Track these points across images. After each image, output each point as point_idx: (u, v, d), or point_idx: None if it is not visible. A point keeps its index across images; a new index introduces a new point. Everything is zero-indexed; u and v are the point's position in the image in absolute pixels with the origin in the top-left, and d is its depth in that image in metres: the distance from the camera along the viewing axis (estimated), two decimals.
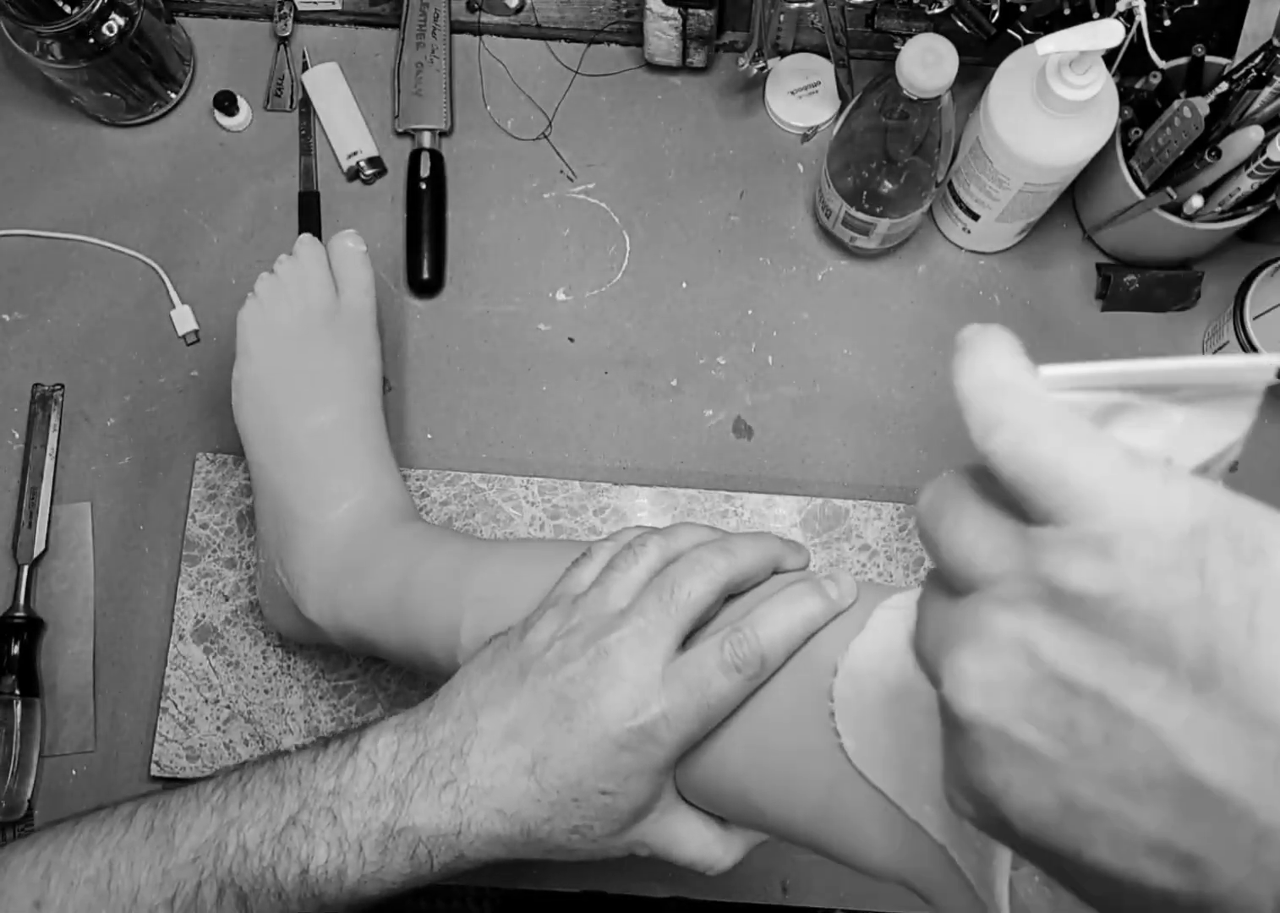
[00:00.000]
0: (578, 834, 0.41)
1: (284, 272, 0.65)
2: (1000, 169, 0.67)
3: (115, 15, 0.69)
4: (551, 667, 0.41)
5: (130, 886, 0.42)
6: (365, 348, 0.65)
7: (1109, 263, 0.76)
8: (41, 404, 0.73)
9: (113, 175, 0.77)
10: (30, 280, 0.75)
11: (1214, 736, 0.20)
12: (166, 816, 0.44)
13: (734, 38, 0.78)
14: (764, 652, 0.40)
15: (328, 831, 0.41)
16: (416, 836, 0.41)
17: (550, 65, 0.79)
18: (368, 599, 0.57)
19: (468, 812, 0.41)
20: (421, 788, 0.41)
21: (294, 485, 0.61)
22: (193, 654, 0.68)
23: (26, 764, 0.67)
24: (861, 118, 0.65)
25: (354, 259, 0.66)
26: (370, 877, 0.41)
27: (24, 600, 0.69)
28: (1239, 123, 0.65)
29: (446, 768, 0.41)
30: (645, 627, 0.41)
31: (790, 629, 0.40)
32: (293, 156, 0.77)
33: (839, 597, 0.41)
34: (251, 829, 0.42)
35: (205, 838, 0.42)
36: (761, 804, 0.41)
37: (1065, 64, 0.61)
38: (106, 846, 0.44)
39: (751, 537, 0.45)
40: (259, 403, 0.62)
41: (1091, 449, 0.23)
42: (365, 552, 0.58)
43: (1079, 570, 0.22)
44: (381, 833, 0.41)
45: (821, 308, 0.76)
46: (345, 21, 0.80)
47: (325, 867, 0.41)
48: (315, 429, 0.61)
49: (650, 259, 0.77)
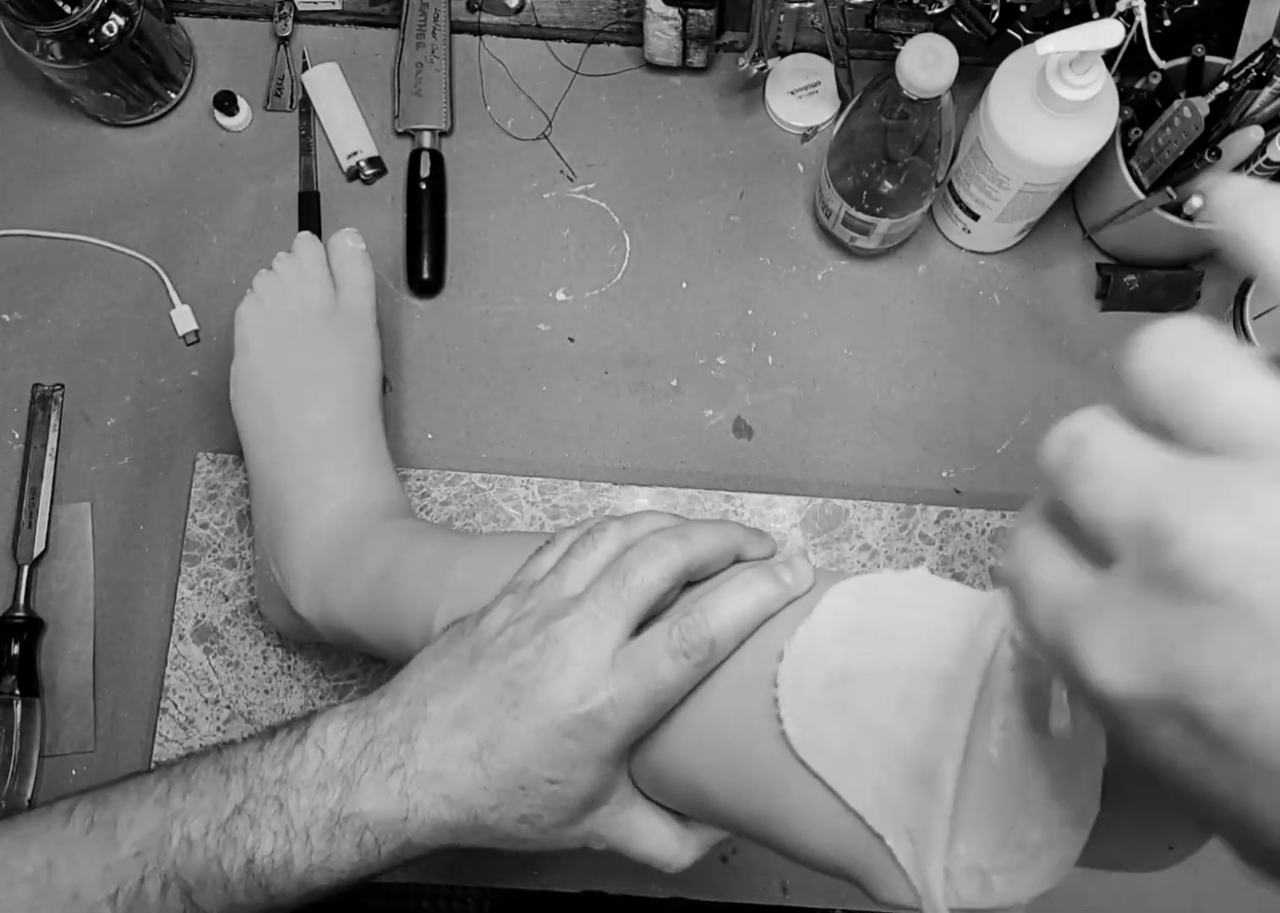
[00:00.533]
0: (526, 823, 0.41)
1: (283, 269, 0.65)
2: (1000, 169, 0.67)
3: (115, 15, 0.69)
4: (502, 652, 0.41)
5: (71, 883, 0.41)
6: (365, 346, 0.65)
7: (1109, 263, 0.76)
8: (41, 404, 0.73)
9: (113, 175, 0.77)
10: (30, 280, 0.75)
11: None
12: (107, 810, 0.43)
13: (734, 38, 0.78)
14: (714, 637, 0.39)
15: (274, 819, 0.40)
16: (363, 822, 0.40)
17: (550, 65, 0.79)
18: (351, 592, 0.57)
19: (414, 797, 0.40)
20: (369, 774, 0.40)
21: (288, 481, 0.61)
22: (193, 654, 0.68)
23: (26, 764, 0.67)
24: (861, 118, 0.65)
25: (354, 257, 0.66)
26: (318, 866, 0.40)
27: (24, 600, 0.69)
28: (1239, 123, 0.65)
29: (395, 753, 0.40)
30: (596, 612, 0.40)
31: (741, 615, 0.40)
32: (293, 157, 0.77)
33: (794, 582, 0.41)
34: (196, 821, 0.41)
35: (148, 832, 0.41)
36: (710, 795, 0.41)
37: (1065, 64, 0.61)
38: (45, 843, 0.42)
39: (711, 524, 0.44)
40: (256, 399, 0.63)
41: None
42: (352, 547, 0.58)
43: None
44: (328, 820, 0.40)
45: (821, 308, 0.76)
46: (345, 21, 0.80)
47: (271, 856, 0.40)
48: (311, 425, 0.62)
49: (650, 259, 0.77)
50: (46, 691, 0.69)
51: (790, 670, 0.37)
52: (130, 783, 0.44)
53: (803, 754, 0.36)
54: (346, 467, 0.61)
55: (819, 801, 0.36)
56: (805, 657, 0.37)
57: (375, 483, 0.62)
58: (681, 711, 0.41)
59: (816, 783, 0.36)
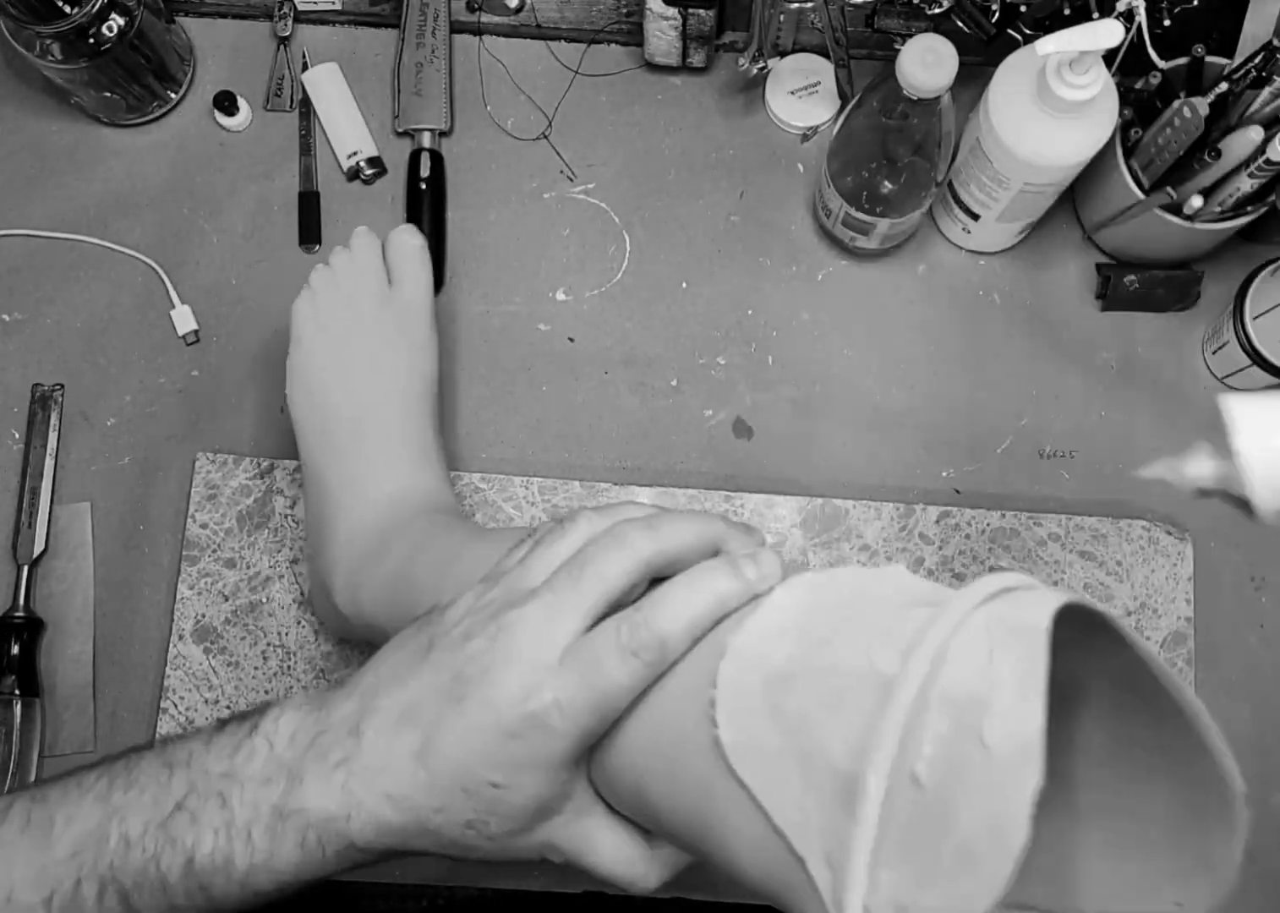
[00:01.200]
0: (473, 830, 0.38)
1: (339, 264, 0.65)
2: (1000, 169, 0.67)
3: (115, 15, 0.69)
4: (456, 643, 0.38)
5: (4, 884, 0.39)
6: (420, 342, 0.65)
7: (1109, 263, 0.76)
8: (41, 404, 0.73)
9: (113, 175, 0.77)
10: (30, 280, 0.75)
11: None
12: (45, 807, 0.40)
13: (734, 38, 0.78)
14: (664, 636, 0.36)
15: (215, 816, 0.38)
16: (306, 819, 0.37)
17: (550, 65, 0.79)
18: (375, 587, 0.57)
19: (358, 794, 0.37)
20: (314, 767, 0.38)
21: (336, 474, 0.61)
22: (193, 654, 0.68)
23: (26, 765, 0.67)
24: (861, 118, 0.65)
25: (412, 254, 0.66)
26: (260, 866, 0.38)
27: (24, 600, 0.69)
28: (1239, 123, 0.65)
29: (341, 746, 0.38)
30: (552, 603, 0.37)
31: (694, 611, 0.36)
32: (293, 157, 0.77)
33: (757, 578, 0.37)
34: (135, 818, 0.39)
35: (86, 830, 0.39)
36: (653, 805, 0.37)
37: (1065, 64, 0.61)
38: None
39: (689, 515, 0.40)
40: (310, 391, 0.63)
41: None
42: (388, 541, 0.58)
43: None
44: (271, 817, 0.37)
45: (821, 308, 0.76)
46: (345, 21, 0.80)
47: (212, 856, 0.37)
48: (362, 419, 0.61)
49: (650, 259, 0.77)
50: (46, 691, 0.69)
51: (730, 669, 0.33)
52: (71, 779, 0.41)
53: (733, 762, 0.32)
54: (393, 462, 0.61)
55: (748, 815, 0.32)
56: (747, 655, 0.34)
57: (420, 481, 0.61)
58: (632, 715, 0.37)
59: (746, 795, 0.32)
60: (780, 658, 0.33)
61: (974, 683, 0.28)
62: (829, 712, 0.31)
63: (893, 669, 0.29)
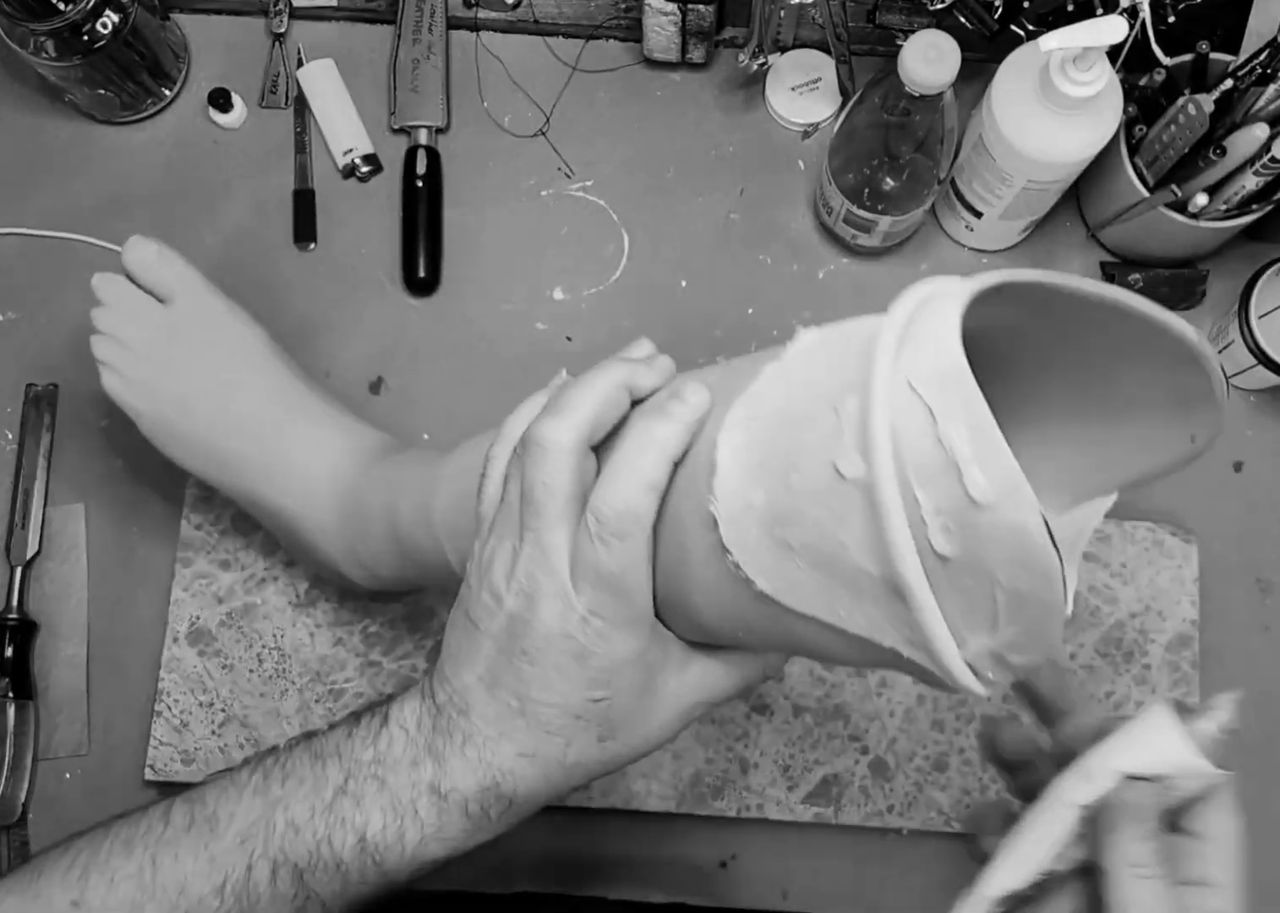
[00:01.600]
0: (606, 741, 0.41)
1: (108, 324, 0.62)
2: (1003, 166, 0.66)
3: (109, 12, 0.68)
4: (490, 610, 0.41)
5: (176, 877, 0.42)
6: (224, 323, 0.63)
7: (1113, 261, 0.76)
8: (36, 404, 0.72)
9: (107, 173, 0.76)
10: (24, 279, 0.75)
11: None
12: (205, 807, 0.43)
13: (734, 33, 0.78)
14: (631, 509, 0.38)
15: (378, 797, 0.41)
16: (463, 794, 0.41)
17: (548, 61, 0.78)
18: (377, 549, 0.58)
19: (495, 762, 0.41)
20: (448, 749, 0.41)
21: (265, 490, 0.61)
22: (187, 657, 0.68)
23: (20, 768, 0.67)
24: (863, 114, 0.64)
25: (155, 264, 0.63)
26: (431, 837, 0.41)
27: (17, 602, 0.69)
28: (1244, 120, 0.64)
29: (458, 726, 0.41)
30: (537, 539, 0.39)
31: (645, 474, 0.38)
32: (288, 154, 0.77)
33: (689, 412, 0.39)
34: (298, 806, 0.41)
35: (250, 821, 0.42)
36: (750, 645, 0.41)
37: (1069, 60, 0.60)
38: (147, 842, 0.43)
39: (584, 378, 0.43)
40: (180, 444, 0.62)
41: None
42: (360, 509, 0.59)
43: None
44: (430, 794, 0.41)
45: (823, 307, 0.75)
46: (341, 18, 0.79)
47: (384, 832, 0.41)
48: (239, 429, 0.61)
49: (649, 257, 0.76)
50: (40, 693, 0.68)
51: (731, 532, 0.36)
52: (223, 779, 0.44)
53: (785, 603, 0.35)
54: (301, 442, 0.61)
55: (824, 634, 0.35)
56: (734, 514, 0.35)
57: (336, 438, 0.61)
58: (674, 585, 0.40)
59: (813, 622, 0.35)
60: (761, 501, 0.35)
61: (933, 453, 0.29)
62: (834, 532, 0.32)
63: (861, 472, 0.31)
